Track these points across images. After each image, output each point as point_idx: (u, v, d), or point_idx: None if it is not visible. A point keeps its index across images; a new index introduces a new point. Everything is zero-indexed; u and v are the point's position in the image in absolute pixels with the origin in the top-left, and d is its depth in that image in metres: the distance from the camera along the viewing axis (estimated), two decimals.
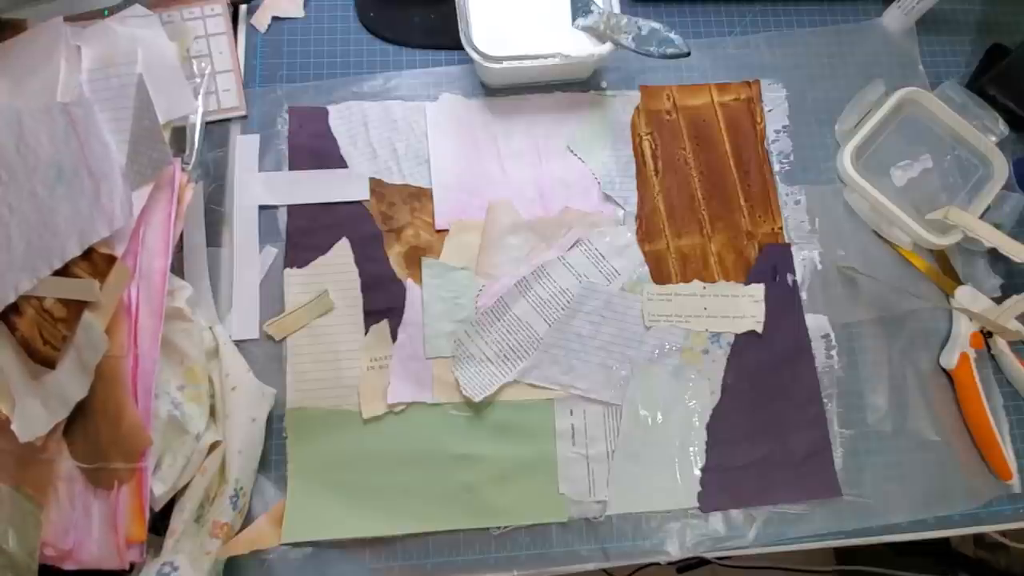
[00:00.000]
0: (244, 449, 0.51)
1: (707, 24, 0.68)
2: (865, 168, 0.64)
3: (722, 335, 0.59)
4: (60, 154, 0.49)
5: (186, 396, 0.51)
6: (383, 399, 0.55)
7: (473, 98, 0.63)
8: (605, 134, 0.63)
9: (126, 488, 0.47)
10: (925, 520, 0.57)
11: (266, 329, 0.56)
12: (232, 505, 0.50)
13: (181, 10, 0.61)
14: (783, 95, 0.66)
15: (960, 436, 0.60)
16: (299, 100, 0.62)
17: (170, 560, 0.47)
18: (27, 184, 0.49)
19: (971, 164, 0.65)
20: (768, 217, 0.63)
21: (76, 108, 0.51)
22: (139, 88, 0.53)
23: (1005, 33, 0.70)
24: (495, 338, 0.57)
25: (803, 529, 0.56)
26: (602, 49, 0.59)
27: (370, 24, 0.65)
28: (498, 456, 0.55)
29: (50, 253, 0.47)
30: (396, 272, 0.58)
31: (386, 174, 0.61)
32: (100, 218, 0.48)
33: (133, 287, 0.49)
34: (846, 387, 0.59)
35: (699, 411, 0.58)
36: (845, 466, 0.58)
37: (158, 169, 0.51)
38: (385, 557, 0.53)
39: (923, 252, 0.63)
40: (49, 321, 0.47)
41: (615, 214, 0.62)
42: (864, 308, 0.62)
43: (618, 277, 0.60)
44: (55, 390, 0.47)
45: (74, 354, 0.47)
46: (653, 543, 0.55)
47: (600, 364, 0.58)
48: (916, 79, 0.68)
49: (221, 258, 0.58)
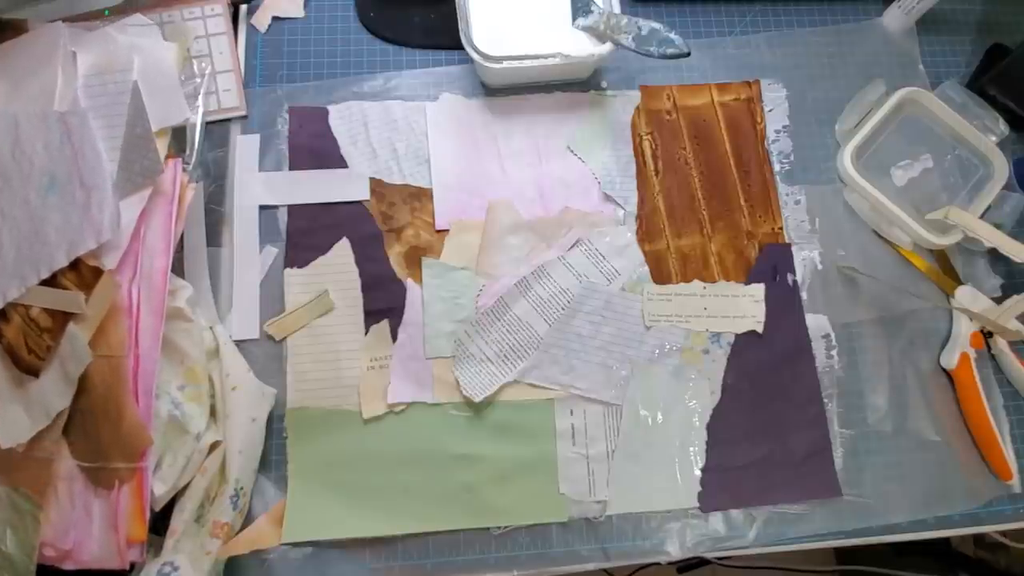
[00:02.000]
0: (244, 449, 0.51)
1: (707, 24, 0.68)
2: (865, 168, 0.64)
3: (722, 335, 0.59)
4: (54, 163, 0.50)
5: (186, 396, 0.51)
6: (383, 399, 0.55)
7: (473, 98, 0.63)
8: (605, 134, 0.63)
9: (127, 488, 0.47)
10: (925, 520, 0.57)
11: (266, 329, 0.56)
12: (232, 505, 0.50)
13: (181, 10, 0.61)
14: (783, 95, 0.66)
15: (960, 436, 0.60)
16: (299, 100, 0.62)
17: (170, 560, 0.47)
18: (20, 191, 0.49)
19: (971, 164, 0.65)
20: (768, 217, 0.63)
21: (72, 118, 0.51)
22: (134, 95, 0.53)
23: (1005, 33, 0.70)
24: (495, 338, 0.57)
25: (803, 529, 0.56)
26: (602, 49, 0.59)
27: (370, 24, 0.65)
28: (498, 456, 0.55)
29: (38, 262, 0.47)
30: (396, 272, 0.58)
31: (386, 174, 0.61)
32: (89, 230, 0.48)
33: (134, 287, 0.50)
34: (846, 387, 0.59)
35: (699, 411, 0.58)
36: (845, 466, 0.58)
37: (150, 177, 0.51)
38: (385, 557, 0.53)
39: (923, 252, 0.63)
40: (35, 330, 0.47)
41: (615, 214, 0.62)
42: (864, 308, 0.62)
43: (618, 277, 0.60)
44: (38, 399, 0.47)
45: (58, 364, 0.47)
46: (653, 543, 0.55)
47: (600, 364, 0.58)
48: (916, 79, 0.68)
49: (221, 258, 0.58)
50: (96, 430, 0.47)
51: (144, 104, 0.53)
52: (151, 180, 0.51)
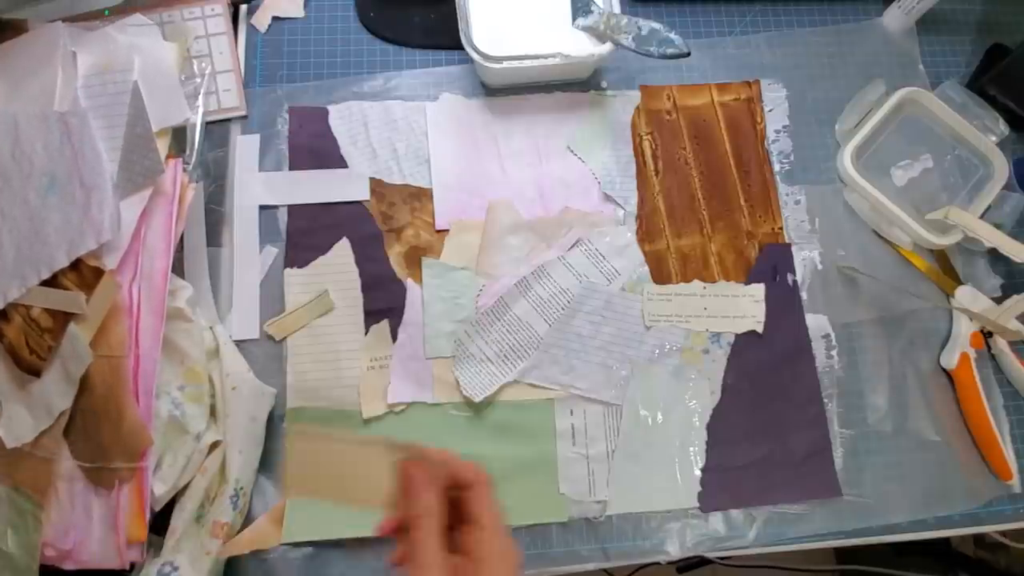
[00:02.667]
0: (244, 449, 0.51)
1: (707, 24, 0.68)
2: (865, 168, 0.64)
3: (722, 335, 0.59)
4: (54, 163, 0.50)
5: (187, 396, 0.51)
6: (383, 399, 0.55)
7: (473, 98, 0.63)
8: (605, 134, 0.63)
9: (127, 488, 0.47)
10: (925, 520, 0.57)
11: (266, 329, 0.56)
12: (232, 505, 0.50)
13: (181, 10, 0.61)
14: (783, 95, 0.66)
15: (960, 436, 0.60)
16: (299, 100, 0.62)
17: (170, 560, 0.47)
18: (20, 191, 0.49)
19: (971, 164, 0.65)
20: (768, 217, 0.63)
21: (72, 118, 0.51)
22: (134, 95, 0.53)
23: (1005, 33, 0.70)
24: (495, 338, 0.57)
25: (803, 529, 0.56)
26: (602, 49, 0.59)
27: (370, 24, 0.65)
28: (498, 456, 0.55)
29: (38, 262, 0.47)
30: (396, 272, 0.58)
31: (386, 174, 0.61)
32: (89, 230, 0.48)
33: (134, 287, 0.50)
34: (846, 387, 0.59)
35: (699, 411, 0.58)
36: (845, 466, 0.58)
37: (150, 177, 0.51)
38: (385, 557, 0.53)
39: (923, 252, 0.63)
40: (36, 330, 0.47)
41: (615, 214, 0.62)
42: (864, 308, 0.62)
43: (618, 277, 0.60)
44: (40, 398, 0.47)
45: (59, 364, 0.47)
46: (653, 543, 0.55)
47: (600, 364, 0.58)
48: (916, 79, 0.68)
49: (221, 258, 0.58)
50: (96, 430, 0.47)
51: (144, 104, 0.53)
52: (151, 180, 0.51)
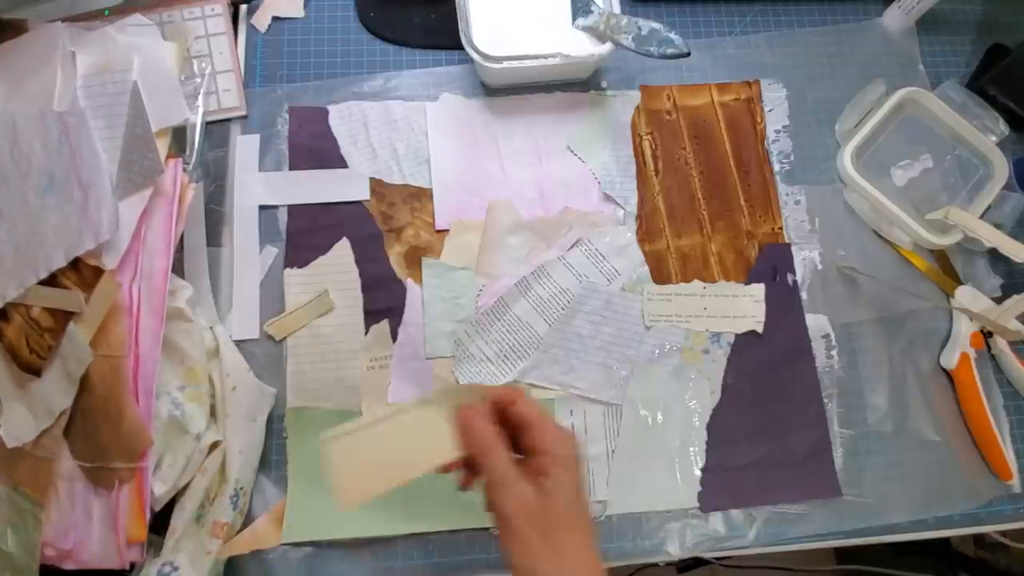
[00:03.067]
0: (244, 449, 0.51)
1: (707, 24, 0.68)
2: (865, 168, 0.64)
3: (722, 335, 0.59)
4: (52, 162, 0.49)
5: (186, 396, 0.51)
6: (383, 399, 0.55)
7: (473, 98, 0.63)
8: (605, 134, 0.63)
9: (127, 488, 0.47)
10: (925, 520, 0.57)
11: (266, 329, 0.56)
12: (232, 505, 0.50)
13: (181, 10, 0.61)
14: (783, 95, 0.66)
15: (960, 436, 0.60)
16: (299, 100, 0.62)
17: (170, 560, 0.47)
18: (19, 190, 0.49)
19: (971, 164, 0.65)
20: (768, 217, 0.63)
21: (70, 118, 0.51)
22: (134, 95, 0.53)
23: (1005, 33, 0.70)
24: (495, 338, 0.57)
25: (803, 529, 0.56)
26: (602, 49, 0.59)
27: (370, 24, 0.65)
28: None
29: (37, 262, 0.47)
30: (396, 272, 0.58)
31: (386, 174, 0.61)
32: (87, 230, 0.48)
33: (134, 287, 0.50)
34: (846, 387, 0.59)
35: (699, 411, 0.58)
36: (845, 466, 0.58)
37: (150, 177, 0.51)
38: (385, 557, 0.53)
39: (923, 252, 0.63)
40: (36, 330, 0.47)
41: (615, 214, 0.62)
42: (864, 308, 0.62)
43: (618, 277, 0.60)
44: (41, 398, 0.47)
45: (59, 364, 0.47)
46: (653, 543, 0.55)
47: (600, 364, 0.58)
48: (916, 79, 0.68)
49: (221, 258, 0.58)
50: (96, 430, 0.47)
51: (144, 104, 0.53)
52: (151, 180, 0.51)
